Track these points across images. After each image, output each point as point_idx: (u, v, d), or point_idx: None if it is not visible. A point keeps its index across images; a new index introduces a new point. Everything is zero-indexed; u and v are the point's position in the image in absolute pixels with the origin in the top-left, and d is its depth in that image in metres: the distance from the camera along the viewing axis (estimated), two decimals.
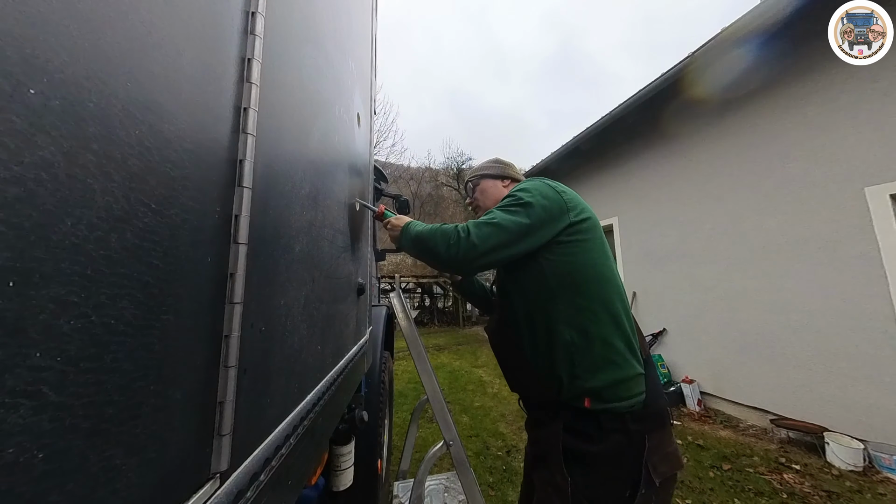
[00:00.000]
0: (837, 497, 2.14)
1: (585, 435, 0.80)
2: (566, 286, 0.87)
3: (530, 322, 0.91)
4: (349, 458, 1.19)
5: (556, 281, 0.87)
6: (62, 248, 0.19)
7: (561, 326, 0.85)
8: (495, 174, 1.19)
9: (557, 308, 0.86)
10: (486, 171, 1.20)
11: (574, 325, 0.84)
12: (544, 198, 0.89)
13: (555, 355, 0.85)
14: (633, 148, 4.81)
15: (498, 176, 1.19)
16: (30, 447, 0.18)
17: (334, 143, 0.82)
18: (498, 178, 1.19)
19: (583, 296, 0.86)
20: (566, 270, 0.87)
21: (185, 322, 0.30)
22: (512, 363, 1.01)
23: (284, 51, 0.52)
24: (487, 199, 1.18)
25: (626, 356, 0.84)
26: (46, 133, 0.19)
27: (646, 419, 0.80)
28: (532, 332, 0.91)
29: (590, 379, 0.81)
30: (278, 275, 0.49)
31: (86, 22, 0.21)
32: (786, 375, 3.05)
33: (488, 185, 1.19)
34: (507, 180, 1.19)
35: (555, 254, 0.88)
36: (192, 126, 0.31)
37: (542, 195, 0.90)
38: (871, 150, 2.58)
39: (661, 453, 0.79)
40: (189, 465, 0.30)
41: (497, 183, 1.18)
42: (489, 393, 4.16)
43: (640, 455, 0.76)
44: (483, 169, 1.22)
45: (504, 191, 1.16)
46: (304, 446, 0.57)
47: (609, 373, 0.81)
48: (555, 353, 0.85)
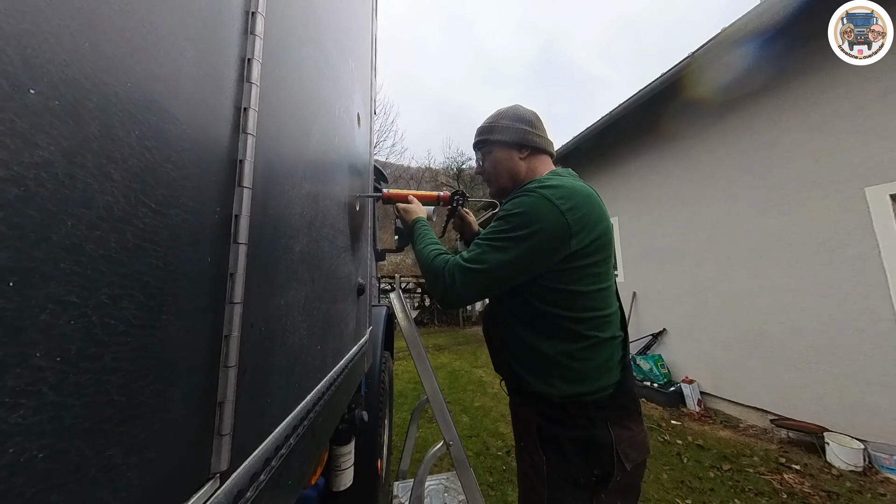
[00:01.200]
0: (837, 497, 2.14)
1: (555, 419, 0.84)
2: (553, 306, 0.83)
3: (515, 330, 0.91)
4: (349, 458, 1.19)
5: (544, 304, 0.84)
6: (62, 248, 0.19)
7: (543, 342, 0.85)
8: (511, 140, 0.94)
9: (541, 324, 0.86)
10: (500, 136, 0.96)
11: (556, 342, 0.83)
12: (543, 225, 0.77)
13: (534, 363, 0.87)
14: (633, 148, 4.81)
15: (515, 144, 0.94)
16: (30, 447, 0.18)
17: (334, 143, 0.82)
18: (514, 146, 0.94)
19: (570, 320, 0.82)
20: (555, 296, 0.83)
21: (184, 322, 0.30)
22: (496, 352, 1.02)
23: (284, 51, 0.52)
24: (501, 173, 0.97)
25: (602, 373, 0.83)
26: (46, 133, 0.19)
27: (610, 408, 0.83)
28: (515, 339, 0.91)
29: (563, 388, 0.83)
30: (278, 275, 0.49)
31: (86, 22, 0.21)
32: (786, 375, 3.05)
33: (502, 156, 0.96)
34: (527, 150, 0.94)
35: (546, 279, 0.82)
36: (192, 126, 0.31)
37: (541, 222, 0.77)
38: (871, 150, 2.58)
39: (629, 440, 0.81)
40: (189, 465, 0.30)
41: (513, 154, 0.95)
42: (489, 393, 4.16)
43: (609, 440, 0.79)
44: (497, 131, 0.96)
45: (521, 164, 0.95)
46: (304, 446, 0.57)
47: (583, 386, 0.83)
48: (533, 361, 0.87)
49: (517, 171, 0.96)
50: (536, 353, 0.86)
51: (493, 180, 1.01)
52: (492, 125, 0.98)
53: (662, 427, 3.21)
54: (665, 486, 2.28)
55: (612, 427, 0.81)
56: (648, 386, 3.93)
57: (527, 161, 0.96)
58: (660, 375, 3.95)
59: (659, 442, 2.93)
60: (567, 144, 5.45)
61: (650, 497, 2.17)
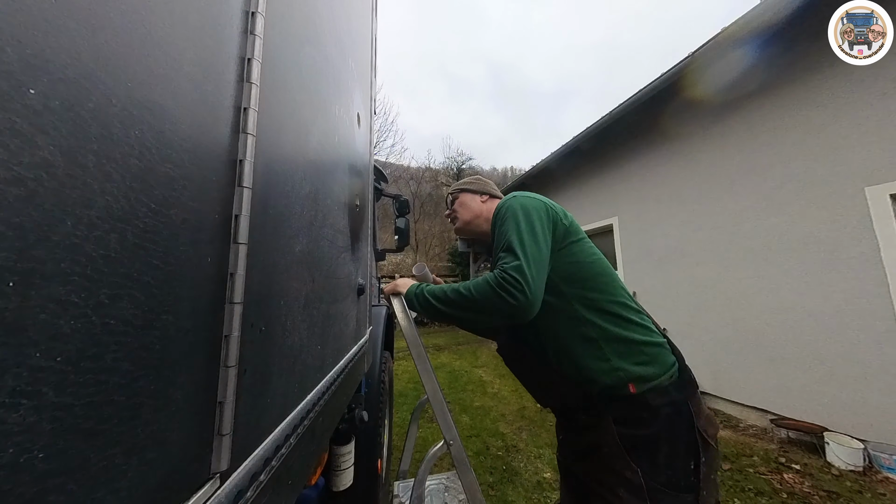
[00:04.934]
0: (837, 497, 2.14)
1: (638, 420, 0.79)
2: (574, 284, 0.90)
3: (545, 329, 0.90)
4: (349, 458, 1.19)
5: (564, 283, 0.90)
6: (62, 248, 0.19)
7: (579, 324, 0.87)
8: (474, 189, 1.26)
9: (572, 307, 0.88)
10: (465, 186, 1.27)
11: (591, 318, 0.86)
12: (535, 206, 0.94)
13: (580, 353, 0.85)
14: (633, 148, 4.81)
15: (477, 191, 1.25)
16: (30, 447, 0.18)
17: (334, 143, 0.82)
18: (477, 192, 1.25)
19: (591, 289, 0.89)
20: (571, 271, 0.91)
21: (185, 322, 0.30)
22: (537, 377, 0.98)
23: (284, 51, 0.52)
24: (466, 211, 1.24)
25: (648, 334, 0.87)
26: (46, 133, 0.19)
27: (685, 386, 0.83)
28: (550, 339, 0.90)
29: (626, 365, 0.81)
30: (278, 275, 0.49)
31: (86, 22, 0.21)
32: (786, 375, 3.05)
33: (467, 199, 1.24)
34: (486, 196, 1.25)
35: (556, 260, 0.90)
36: (192, 126, 0.31)
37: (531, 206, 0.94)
38: (871, 150, 2.58)
39: (704, 416, 0.81)
40: (189, 465, 0.30)
41: (476, 197, 1.24)
42: (489, 393, 4.16)
43: (691, 423, 0.78)
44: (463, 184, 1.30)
45: (482, 205, 1.22)
46: (305, 446, 0.57)
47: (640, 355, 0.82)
48: (579, 351, 0.85)
49: (479, 210, 1.22)
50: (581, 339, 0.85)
51: (459, 217, 1.26)
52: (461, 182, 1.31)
53: None
54: None
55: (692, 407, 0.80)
56: None
57: (486, 204, 1.23)
58: None
59: None
60: (567, 144, 5.45)
61: None
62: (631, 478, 0.75)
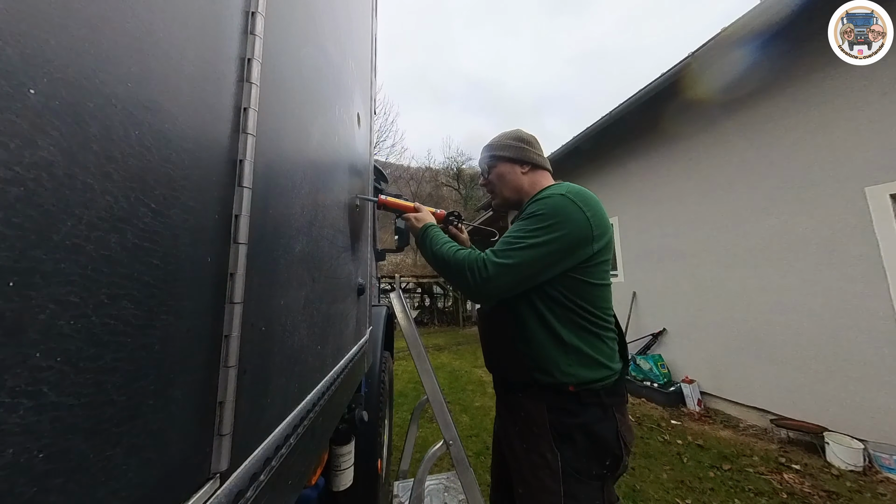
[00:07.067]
0: (837, 497, 2.14)
1: (567, 410, 0.86)
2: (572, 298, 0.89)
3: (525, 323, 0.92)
4: (349, 458, 1.19)
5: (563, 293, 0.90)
6: (62, 248, 0.19)
7: (560, 332, 0.88)
8: (514, 157, 1.04)
9: (557, 313, 0.90)
10: (503, 153, 1.06)
11: (574, 332, 0.89)
12: (570, 225, 0.85)
13: (549, 354, 0.88)
14: (633, 148, 4.81)
15: (517, 160, 1.04)
16: (30, 447, 0.18)
17: (334, 143, 0.82)
18: (517, 161, 1.04)
19: (584, 307, 0.89)
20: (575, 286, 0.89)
21: (185, 322, 0.30)
22: (500, 349, 1.02)
23: (284, 51, 0.52)
24: (505, 185, 1.06)
25: (614, 358, 0.92)
26: (46, 133, 0.19)
27: (615, 394, 0.89)
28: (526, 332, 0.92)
29: (580, 374, 0.87)
30: (278, 275, 0.49)
31: (86, 22, 0.21)
32: (786, 375, 3.05)
33: (505, 170, 1.05)
34: (528, 166, 1.04)
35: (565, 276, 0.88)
36: (192, 126, 0.31)
37: (570, 223, 0.85)
38: (871, 150, 2.58)
39: (626, 425, 0.89)
40: (189, 465, 0.30)
41: (515, 168, 1.04)
42: (489, 393, 4.16)
43: (614, 427, 0.85)
44: (501, 148, 1.07)
45: (523, 178, 1.04)
46: (304, 446, 0.57)
47: (598, 372, 0.88)
48: (550, 352, 0.88)
49: (520, 184, 1.05)
50: (555, 340, 0.88)
51: (496, 192, 1.10)
52: (496, 144, 1.09)
53: (662, 427, 3.21)
54: (665, 486, 2.28)
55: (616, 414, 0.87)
56: (648, 386, 3.93)
57: (528, 175, 1.05)
58: (660, 375, 3.95)
59: (659, 442, 2.93)
60: (567, 144, 5.45)
61: (650, 497, 2.17)
62: (551, 460, 0.84)
